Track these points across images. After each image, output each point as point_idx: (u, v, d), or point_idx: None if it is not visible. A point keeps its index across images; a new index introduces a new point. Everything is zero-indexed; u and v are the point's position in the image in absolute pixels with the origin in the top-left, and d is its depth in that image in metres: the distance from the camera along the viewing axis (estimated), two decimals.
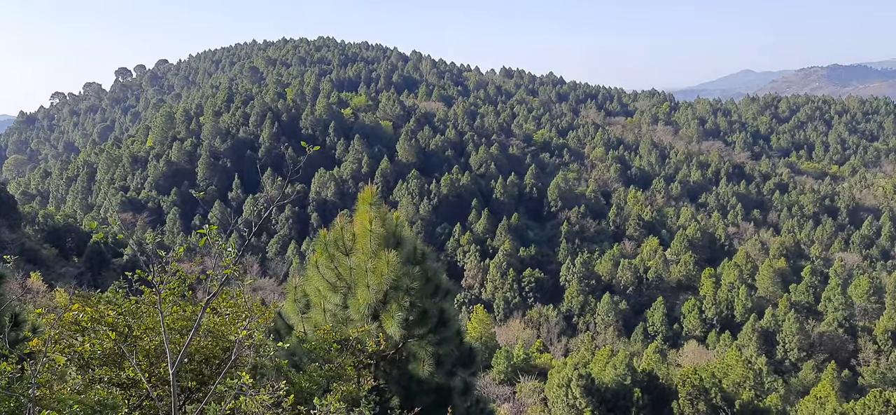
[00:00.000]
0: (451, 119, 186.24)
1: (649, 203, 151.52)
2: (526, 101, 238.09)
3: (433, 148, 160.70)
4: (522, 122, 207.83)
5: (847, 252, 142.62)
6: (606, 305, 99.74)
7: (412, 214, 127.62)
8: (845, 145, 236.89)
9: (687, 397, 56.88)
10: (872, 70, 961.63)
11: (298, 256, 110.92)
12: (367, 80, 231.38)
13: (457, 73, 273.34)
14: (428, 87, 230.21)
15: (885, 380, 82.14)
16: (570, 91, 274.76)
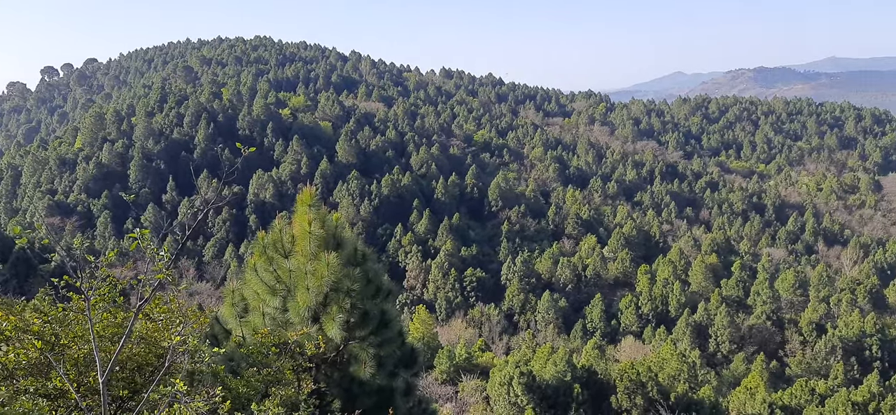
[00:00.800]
0: (391, 120, 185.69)
1: (587, 202, 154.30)
2: (466, 102, 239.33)
3: (374, 148, 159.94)
4: (463, 122, 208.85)
5: (774, 248, 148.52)
6: (546, 303, 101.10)
7: (353, 216, 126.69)
8: (771, 145, 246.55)
9: (625, 392, 58.14)
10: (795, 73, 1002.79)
11: (236, 260, 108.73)
12: (306, 80, 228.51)
13: (397, 73, 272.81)
14: (368, 87, 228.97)
15: (810, 370, 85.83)
16: (509, 92, 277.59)
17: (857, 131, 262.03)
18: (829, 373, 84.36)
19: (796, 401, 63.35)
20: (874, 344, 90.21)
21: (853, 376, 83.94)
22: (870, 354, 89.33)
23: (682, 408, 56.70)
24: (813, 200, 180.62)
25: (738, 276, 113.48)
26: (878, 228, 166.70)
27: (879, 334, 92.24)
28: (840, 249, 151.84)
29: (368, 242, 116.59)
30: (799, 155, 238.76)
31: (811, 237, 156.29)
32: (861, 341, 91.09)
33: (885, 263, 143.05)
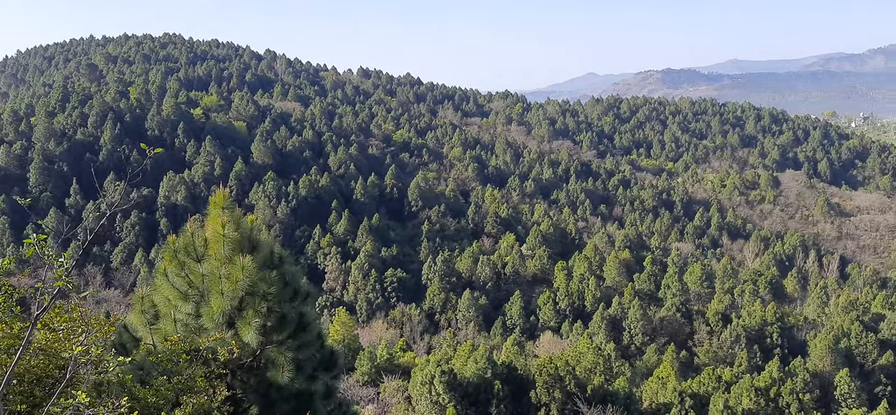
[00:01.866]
0: (308, 119, 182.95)
1: (506, 201, 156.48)
2: (384, 102, 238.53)
3: (290, 149, 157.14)
4: (381, 122, 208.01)
5: (682, 242, 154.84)
6: (467, 302, 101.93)
7: (270, 218, 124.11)
8: (679, 143, 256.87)
9: (543, 386, 59.28)
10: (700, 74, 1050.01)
11: (147, 265, 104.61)
12: (219, 79, 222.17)
13: (313, 72, 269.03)
14: (283, 86, 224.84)
15: (716, 358, 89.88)
16: (427, 92, 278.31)
17: (756, 130, 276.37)
18: (734, 360, 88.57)
19: (704, 388, 66.22)
20: (774, 332, 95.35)
21: (756, 362, 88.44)
22: (770, 341, 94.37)
23: (598, 400, 58.28)
24: (718, 196, 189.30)
25: (650, 270, 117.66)
26: (776, 222, 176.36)
27: (779, 323, 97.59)
28: (743, 243, 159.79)
29: (286, 244, 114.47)
30: (704, 153, 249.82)
31: (716, 232, 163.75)
32: (763, 329, 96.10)
33: (783, 255, 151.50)
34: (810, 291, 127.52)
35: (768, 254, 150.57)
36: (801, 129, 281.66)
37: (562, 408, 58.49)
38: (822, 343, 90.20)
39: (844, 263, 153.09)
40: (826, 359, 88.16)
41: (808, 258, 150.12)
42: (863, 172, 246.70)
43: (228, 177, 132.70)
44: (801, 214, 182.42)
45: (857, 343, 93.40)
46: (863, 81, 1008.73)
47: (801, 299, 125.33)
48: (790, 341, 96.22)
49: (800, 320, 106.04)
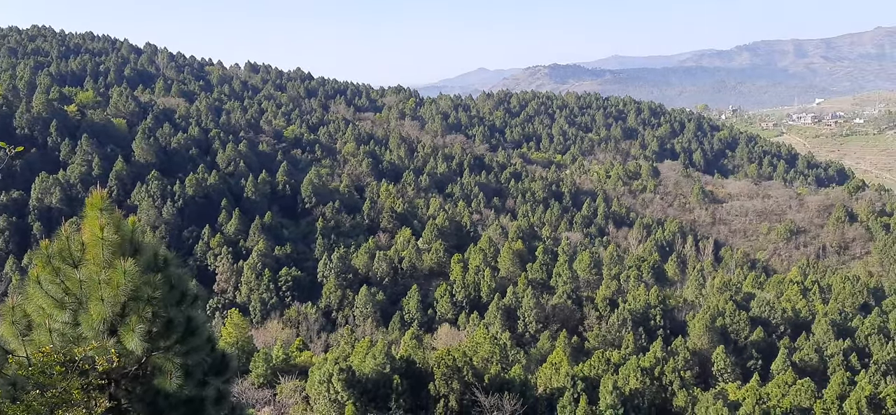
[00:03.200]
0: (194, 116, 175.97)
1: (401, 196, 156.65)
2: (274, 97, 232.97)
3: (175, 146, 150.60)
4: (271, 118, 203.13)
5: (572, 231, 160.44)
6: (364, 298, 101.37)
7: (154, 219, 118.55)
8: (566, 136, 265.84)
9: (442, 378, 59.88)
10: (585, 69, 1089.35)
11: (19, 272, 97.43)
12: (95, 74, 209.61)
13: (198, 67, 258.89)
14: (166, 81, 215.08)
15: (605, 342, 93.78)
16: (318, 86, 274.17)
17: (637, 123, 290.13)
18: (622, 343, 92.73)
19: (595, 371, 68.96)
20: (657, 314, 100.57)
21: (641, 344, 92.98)
22: (654, 323, 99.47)
23: (495, 388, 59.47)
24: (603, 187, 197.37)
25: (542, 259, 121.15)
26: (657, 210, 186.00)
27: (661, 305, 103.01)
28: (627, 230, 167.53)
29: (173, 245, 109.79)
30: (590, 145, 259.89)
31: (603, 221, 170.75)
32: (647, 312, 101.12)
33: (664, 240, 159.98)
34: (689, 275, 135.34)
35: (650, 240, 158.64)
36: (677, 121, 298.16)
37: (460, 398, 59.29)
38: (700, 323, 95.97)
39: (718, 246, 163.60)
40: (704, 337, 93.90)
41: (686, 243, 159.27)
42: (733, 161, 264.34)
43: (108, 177, 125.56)
44: (678, 202, 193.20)
45: (732, 321, 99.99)
46: (731, 76, 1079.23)
47: (681, 282, 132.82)
48: (672, 322, 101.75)
49: (680, 301, 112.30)
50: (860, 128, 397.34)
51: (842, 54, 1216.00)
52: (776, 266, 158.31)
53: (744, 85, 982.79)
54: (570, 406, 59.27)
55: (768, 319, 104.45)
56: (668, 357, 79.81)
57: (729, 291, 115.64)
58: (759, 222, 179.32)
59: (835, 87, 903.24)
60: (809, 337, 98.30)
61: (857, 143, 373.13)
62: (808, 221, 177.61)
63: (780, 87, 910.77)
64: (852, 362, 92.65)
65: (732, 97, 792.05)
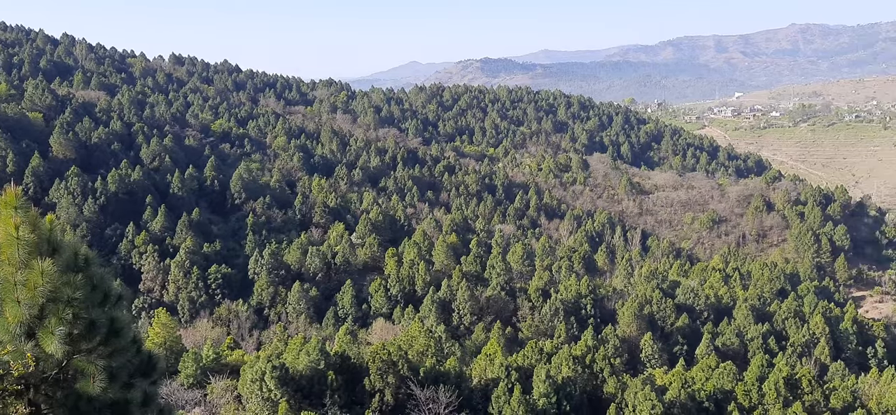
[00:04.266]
0: (115, 109, 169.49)
1: (333, 190, 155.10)
2: (201, 90, 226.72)
3: (96, 141, 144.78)
4: (198, 111, 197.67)
5: (505, 224, 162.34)
6: (297, 294, 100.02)
7: (75, 217, 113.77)
8: (498, 130, 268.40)
9: (377, 372, 59.68)
10: (516, 64, 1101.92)
11: None
12: (7, 66, 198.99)
13: (119, 59, 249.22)
14: (85, 74, 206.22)
15: (538, 332, 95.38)
16: (247, 79, 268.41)
17: (567, 116, 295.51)
18: (554, 332, 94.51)
19: (528, 361, 70.01)
20: (588, 303, 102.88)
21: (573, 333, 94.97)
22: (585, 312, 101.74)
23: (430, 381, 59.67)
24: (535, 180, 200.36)
25: (476, 252, 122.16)
26: (587, 202, 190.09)
27: (592, 294, 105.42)
28: (558, 222, 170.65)
29: (95, 244, 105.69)
30: (522, 139, 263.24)
31: (535, 213, 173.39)
32: (578, 301, 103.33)
33: (593, 231, 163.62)
34: (618, 264, 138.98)
35: (581, 231, 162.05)
36: (605, 115, 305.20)
37: (396, 392, 59.24)
38: (628, 311, 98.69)
39: (645, 236, 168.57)
40: (632, 325, 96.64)
41: (614, 234, 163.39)
42: (658, 154, 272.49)
43: (24, 174, 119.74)
44: (607, 194, 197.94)
45: (658, 309, 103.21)
46: (656, 71, 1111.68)
47: (610, 272, 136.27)
48: (602, 310, 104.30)
49: (610, 290, 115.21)
50: (776, 121, 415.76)
51: (759, 50, 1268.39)
52: (700, 254, 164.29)
53: (668, 79, 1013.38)
54: (505, 396, 60.01)
55: (693, 305, 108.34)
56: (599, 345, 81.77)
57: (656, 280, 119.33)
58: (684, 212, 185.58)
59: (753, 82, 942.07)
60: (731, 322, 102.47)
61: (774, 135, 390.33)
62: (729, 211, 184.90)
63: (702, 82, 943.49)
64: (770, 345, 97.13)
65: (657, 91, 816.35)
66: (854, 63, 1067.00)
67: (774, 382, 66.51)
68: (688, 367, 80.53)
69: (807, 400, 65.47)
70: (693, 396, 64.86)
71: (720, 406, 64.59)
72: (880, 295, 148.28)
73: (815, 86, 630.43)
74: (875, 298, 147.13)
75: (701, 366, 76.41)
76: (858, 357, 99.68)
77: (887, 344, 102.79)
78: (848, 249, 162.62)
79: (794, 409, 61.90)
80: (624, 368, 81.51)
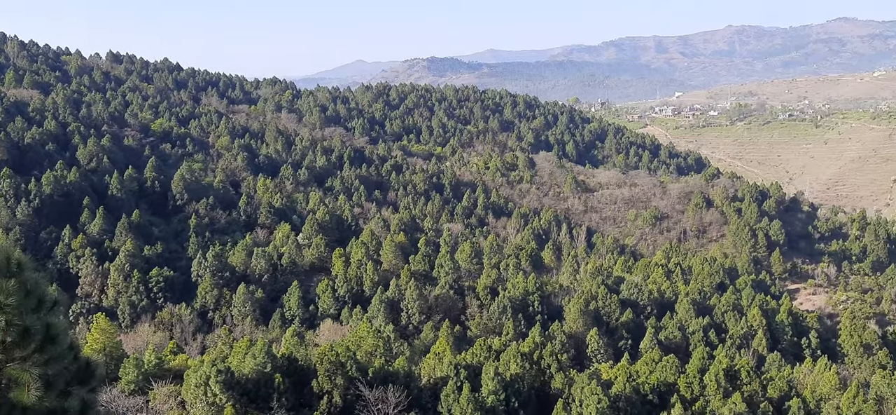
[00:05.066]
0: (50, 109, 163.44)
1: (279, 190, 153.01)
2: (140, 89, 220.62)
3: (29, 142, 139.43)
4: (137, 110, 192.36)
5: (453, 223, 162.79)
6: (242, 296, 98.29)
7: (7, 220, 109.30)
8: (445, 129, 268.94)
9: (325, 374, 59.16)
10: (462, 63, 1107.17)
11: None
12: None
13: (54, 57, 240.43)
14: (17, 72, 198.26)
15: (487, 329, 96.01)
16: (188, 78, 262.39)
17: (513, 115, 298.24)
18: (503, 330, 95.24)
19: (477, 359, 70.44)
20: (536, 300, 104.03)
21: (521, 330, 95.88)
22: (533, 309, 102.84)
23: (379, 381, 59.45)
24: (482, 178, 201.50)
25: (424, 251, 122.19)
26: (533, 200, 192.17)
27: (539, 291, 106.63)
28: (506, 220, 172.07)
29: (29, 248, 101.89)
30: (469, 138, 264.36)
31: (482, 211, 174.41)
32: (526, 298, 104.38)
33: (540, 229, 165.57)
34: (564, 261, 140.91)
35: (528, 229, 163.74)
36: (550, 114, 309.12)
37: (344, 394, 58.82)
38: (575, 307, 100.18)
39: (590, 233, 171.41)
40: (579, 321, 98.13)
41: (561, 231, 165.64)
42: (602, 152, 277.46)
43: None
44: (553, 192, 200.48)
45: (604, 304, 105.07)
46: (599, 70, 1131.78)
47: (557, 269, 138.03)
48: (549, 307, 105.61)
49: (556, 287, 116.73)
50: (715, 119, 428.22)
51: (697, 50, 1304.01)
52: (643, 250, 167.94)
53: (611, 79, 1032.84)
54: (454, 395, 60.22)
55: (637, 300, 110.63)
56: (546, 342, 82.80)
57: (601, 276, 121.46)
58: (627, 210, 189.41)
59: (692, 82, 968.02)
60: (673, 316, 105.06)
61: (712, 133, 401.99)
62: (671, 208, 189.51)
63: (644, 82, 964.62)
64: (711, 338, 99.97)
65: (601, 90, 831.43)
66: (787, 64, 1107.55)
67: (715, 373, 68.49)
68: (632, 361, 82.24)
69: (746, 391, 67.62)
70: (638, 389, 66.27)
71: (663, 398, 66.17)
72: (813, 287, 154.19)
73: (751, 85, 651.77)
74: (808, 291, 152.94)
75: (645, 360, 78.14)
76: (794, 348, 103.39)
77: (820, 335, 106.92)
78: (783, 244, 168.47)
79: (733, 399, 63.82)
80: (571, 363, 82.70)
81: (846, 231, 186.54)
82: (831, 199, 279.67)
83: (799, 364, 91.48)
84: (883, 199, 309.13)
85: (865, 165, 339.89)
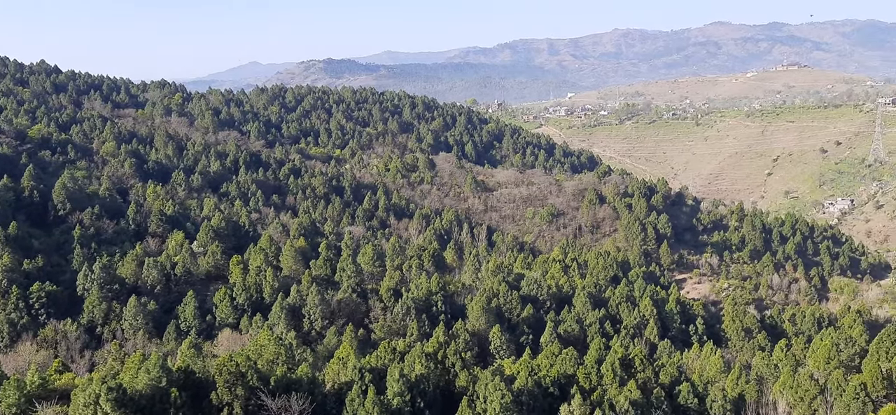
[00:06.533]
0: None
1: (171, 197, 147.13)
2: (15, 93, 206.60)
3: None
4: (12, 116, 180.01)
5: (354, 226, 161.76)
6: (134, 309, 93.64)
7: None
8: (344, 131, 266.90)
9: (225, 385, 57.41)
10: (360, 64, 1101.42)
11: None
12: None
13: None
14: None
15: (391, 331, 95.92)
16: (68, 81, 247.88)
17: (412, 117, 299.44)
18: (407, 331, 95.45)
19: (381, 362, 70.26)
20: (439, 300, 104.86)
21: (425, 330, 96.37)
22: (436, 309, 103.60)
23: (282, 390, 58.28)
24: (383, 180, 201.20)
25: (325, 255, 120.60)
26: (435, 200, 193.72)
27: (442, 291, 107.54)
28: (408, 221, 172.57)
29: None
30: (368, 140, 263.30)
31: (384, 213, 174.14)
32: (429, 299, 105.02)
33: (442, 229, 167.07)
34: (466, 260, 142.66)
35: (430, 230, 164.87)
36: (449, 115, 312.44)
37: (245, 405, 57.28)
38: (477, 305, 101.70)
39: (491, 232, 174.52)
40: (481, 318, 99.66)
41: (462, 231, 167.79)
42: (500, 152, 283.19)
43: None
44: (454, 192, 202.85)
45: (505, 301, 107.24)
46: (495, 72, 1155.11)
47: (459, 268, 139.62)
48: (452, 306, 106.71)
49: (459, 286, 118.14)
50: (605, 119, 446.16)
51: (587, 53, 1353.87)
52: (541, 247, 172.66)
53: (506, 80, 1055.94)
54: (359, 398, 59.87)
55: (536, 296, 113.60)
56: (450, 341, 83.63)
57: (502, 274, 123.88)
58: (526, 207, 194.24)
59: (583, 83, 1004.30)
60: (571, 309, 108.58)
61: (603, 132, 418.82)
62: (566, 205, 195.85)
63: (538, 83, 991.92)
64: (607, 329, 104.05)
65: (497, 92, 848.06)
66: (669, 65, 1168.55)
67: (611, 363, 71.38)
68: (534, 355, 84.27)
69: (640, 378, 70.85)
70: (539, 382, 68.09)
71: (564, 390, 68.30)
72: (698, 277, 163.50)
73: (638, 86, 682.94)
74: (694, 280, 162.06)
75: (545, 353, 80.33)
76: (682, 335, 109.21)
77: (706, 321, 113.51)
78: (670, 237, 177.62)
79: (629, 387, 66.72)
80: (475, 361, 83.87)
81: (726, 223, 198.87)
82: (712, 192, 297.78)
83: (687, 350, 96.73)
84: (758, 191, 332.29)
85: (742, 160, 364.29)
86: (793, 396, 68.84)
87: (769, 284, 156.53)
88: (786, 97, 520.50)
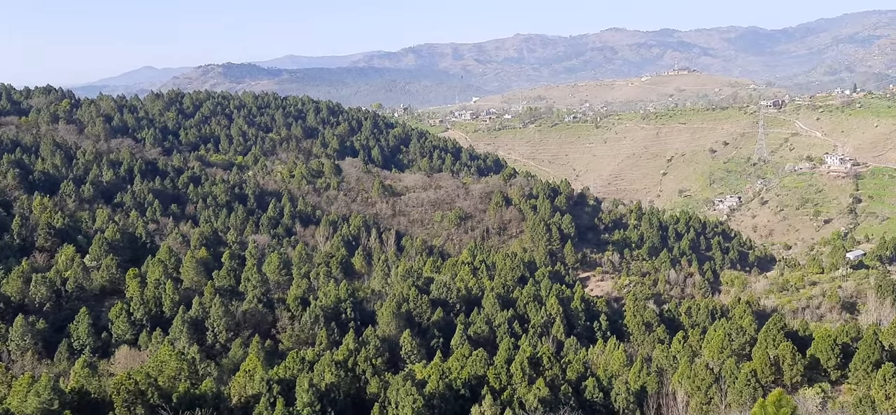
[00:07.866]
0: None
1: (60, 209, 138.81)
2: None
3: None
4: None
5: (259, 234, 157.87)
6: (21, 329, 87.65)
7: None
8: (246, 137, 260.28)
9: (123, 405, 54.74)
10: (261, 69, 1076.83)
11: None
12: None
13: None
14: None
15: (299, 341, 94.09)
16: None
17: (317, 122, 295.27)
18: (316, 340, 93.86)
19: (290, 372, 68.80)
20: (348, 307, 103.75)
21: (335, 338, 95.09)
22: (346, 316, 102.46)
23: (185, 406, 56.15)
24: (288, 187, 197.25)
25: (229, 265, 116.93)
26: (342, 206, 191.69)
27: (351, 298, 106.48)
28: (314, 228, 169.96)
29: None
30: (272, 145, 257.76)
31: (289, 220, 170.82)
32: (338, 306, 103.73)
33: (350, 235, 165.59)
34: (375, 266, 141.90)
35: (337, 236, 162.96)
36: (354, 120, 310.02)
37: None
38: (387, 310, 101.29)
39: (400, 236, 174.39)
40: (392, 324, 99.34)
41: (370, 236, 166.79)
42: (407, 156, 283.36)
43: None
44: (361, 198, 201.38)
45: (415, 306, 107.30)
46: (400, 76, 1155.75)
47: (368, 274, 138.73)
48: (362, 313, 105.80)
49: (368, 292, 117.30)
50: (509, 123, 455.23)
51: (490, 57, 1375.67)
52: (450, 250, 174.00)
53: (411, 85, 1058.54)
54: (267, 411, 58.43)
55: (446, 299, 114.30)
56: (360, 348, 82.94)
57: (411, 278, 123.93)
58: (434, 211, 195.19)
59: (487, 87, 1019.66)
60: (480, 311, 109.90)
61: (508, 136, 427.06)
62: (474, 207, 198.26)
63: (443, 87, 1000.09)
64: (515, 329, 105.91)
65: (402, 96, 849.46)
66: (569, 69, 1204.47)
67: (520, 362, 72.69)
68: (445, 358, 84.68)
69: (548, 375, 72.49)
70: (450, 385, 68.50)
71: (475, 391, 68.98)
72: (601, 274, 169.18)
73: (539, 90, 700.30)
74: (597, 278, 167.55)
75: (456, 356, 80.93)
76: (587, 331, 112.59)
77: (609, 317, 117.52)
78: (574, 236, 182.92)
79: (537, 385, 68.14)
80: (386, 367, 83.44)
81: (626, 221, 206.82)
82: (613, 192, 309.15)
83: (592, 346, 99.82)
84: (654, 190, 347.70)
85: (639, 161, 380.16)
86: (690, 385, 72.22)
87: (667, 280, 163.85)
88: (678, 100, 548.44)
